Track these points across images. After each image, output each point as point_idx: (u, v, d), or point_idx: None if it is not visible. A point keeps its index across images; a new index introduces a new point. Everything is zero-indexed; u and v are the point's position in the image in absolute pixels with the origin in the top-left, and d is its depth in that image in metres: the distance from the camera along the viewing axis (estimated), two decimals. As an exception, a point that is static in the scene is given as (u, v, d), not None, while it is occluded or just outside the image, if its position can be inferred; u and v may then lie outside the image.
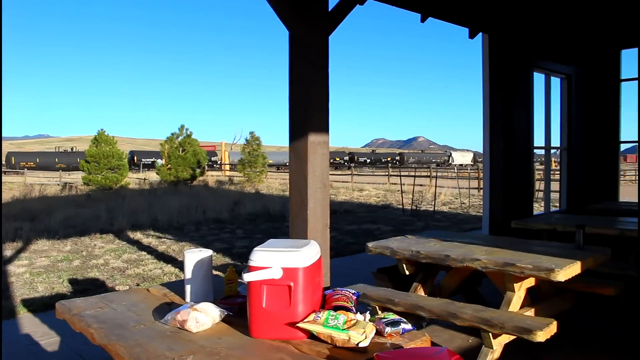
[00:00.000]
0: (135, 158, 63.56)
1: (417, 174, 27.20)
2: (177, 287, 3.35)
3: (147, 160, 62.39)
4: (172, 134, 28.83)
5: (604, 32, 9.68)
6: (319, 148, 4.39)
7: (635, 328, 4.94)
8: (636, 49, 9.74)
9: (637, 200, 11.31)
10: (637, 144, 8.39)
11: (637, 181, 11.81)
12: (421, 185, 25.02)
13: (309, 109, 4.31)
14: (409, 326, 2.53)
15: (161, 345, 2.39)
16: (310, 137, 4.31)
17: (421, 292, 4.64)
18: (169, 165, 27.93)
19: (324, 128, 4.43)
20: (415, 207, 16.75)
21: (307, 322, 2.39)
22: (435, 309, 4.09)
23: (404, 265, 4.62)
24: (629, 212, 7.65)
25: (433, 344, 2.55)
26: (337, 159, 75.00)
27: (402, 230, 11.63)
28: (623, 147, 10.35)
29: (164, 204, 16.26)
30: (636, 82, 9.94)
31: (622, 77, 9.75)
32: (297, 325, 2.39)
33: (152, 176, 33.77)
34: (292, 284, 2.43)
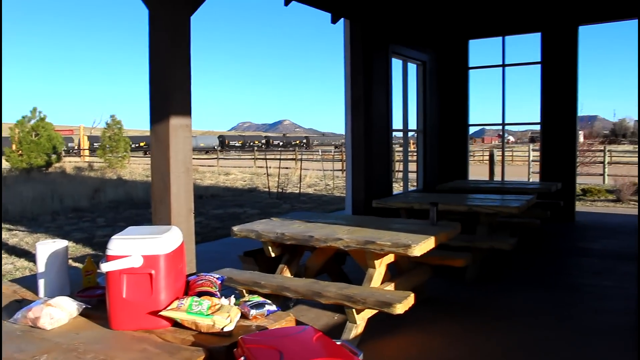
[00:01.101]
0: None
1: (282, 156, 27.47)
2: (29, 282, 3.11)
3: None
4: (23, 117, 26.66)
5: (453, 23, 10.35)
6: (181, 131, 4.28)
7: (481, 292, 5.39)
8: (483, 39, 10.52)
9: (483, 178, 12.26)
10: (482, 127, 9.01)
11: (487, 163, 12.71)
12: (287, 168, 25.32)
13: (170, 92, 4.17)
14: (273, 307, 2.56)
15: (10, 347, 2.21)
16: (172, 121, 4.18)
17: (287, 274, 4.71)
18: (20, 151, 25.84)
19: (186, 111, 4.31)
20: (281, 190, 16.92)
21: (170, 309, 2.34)
22: (301, 289, 4.17)
23: (270, 247, 4.66)
24: (476, 190, 8.28)
25: (298, 323, 2.60)
26: (256, 142, 75.27)
27: (268, 213, 11.70)
28: (472, 129, 11.13)
29: (15, 194, 15.05)
30: (482, 69, 10.74)
31: (470, 65, 10.49)
32: (160, 313, 2.33)
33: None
34: (153, 271, 2.36)
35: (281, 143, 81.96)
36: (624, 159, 26.67)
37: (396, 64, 8.75)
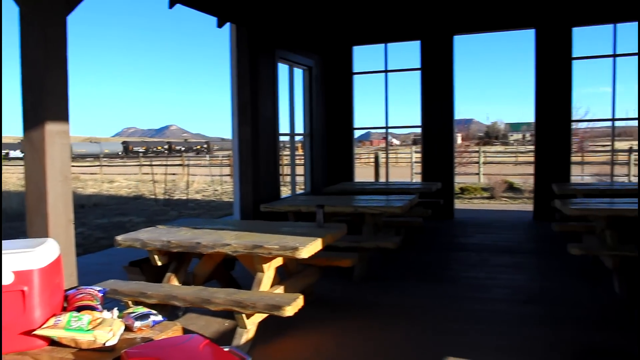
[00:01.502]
0: None
1: (169, 162, 26.77)
2: None
3: None
4: None
5: (338, 30, 10.61)
6: (58, 138, 4.07)
7: (369, 291, 5.57)
8: (367, 46, 10.87)
9: (369, 180, 12.64)
10: (368, 130, 9.31)
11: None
12: (174, 174, 24.71)
13: (44, 96, 3.95)
14: (159, 317, 2.50)
15: None
16: (47, 127, 3.97)
17: (175, 282, 4.61)
18: None
19: (63, 116, 4.10)
20: (168, 197, 16.50)
21: (46, 327, 2.22)
22: (189, 297, 4.11)
23: (156, 256, 4.54)
24: (362, 191, 8.54)
25: (186, 332, 2.56)
26: (159, 148, 73.84)
27: (154, 221, 11.36)
28: (360, 133, 11.42)
29: None
30: (366, 75, 11.08)
31: (354, 71, 10.81)
32: (35, 333, 2.21)
33: None
34: (25, 288, 2.23)
35: (183, 148, 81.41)
36: (496, 159, 28.56)
37: (283, 69, 8.84)
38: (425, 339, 4.30)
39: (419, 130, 10.62)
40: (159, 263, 4.57)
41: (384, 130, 11.35)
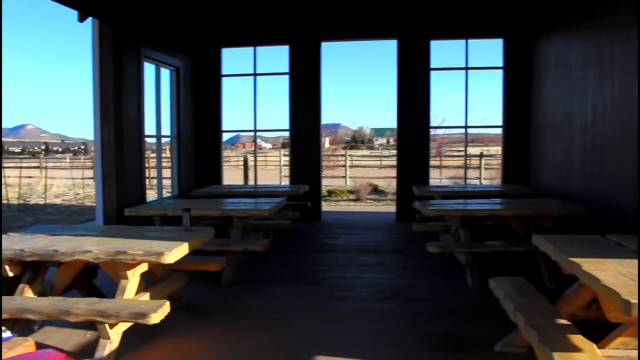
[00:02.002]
0: None
1: (24, 164, 24.86)
2: None
3: None
4: None
5: (207, 31, 10.47)
6: None
7: (238, 294, 5.55)
8: (236, 48, 10.82)
9: (238, 183, 12.58)
10: (238, 133, 9.27)
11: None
12: (30, 177, 22.99)
13: None
14: (8, 334, 2.33)
15: None
16: None
17: (29, 293, 4.30)
18: None
19: None
20: (23, 202, 15.33)
21: None
22: (46, 309, 3.85)
23: (7, 266, 4.21)
24: (230, 194, 8.49)
25: (41, 347, 2.40)
26: (36, 148, 68.13)
27: (7, 228, 10.51)
28: (230, 135, 11.31)
29: None
30: (233, 77, 11.03)
31: (224, 73, 10.72)
32: None
33: None
34: None
35: (60, 149, 76.50)
36: (361, 163, 29.61)
37: (150, 69, 8.56)
38: (294, 340, 4.37)
39: (287, 133, 10.76)
40: (11, 274, 4.24)
41: (253, 134, 11.35)
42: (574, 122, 7.41)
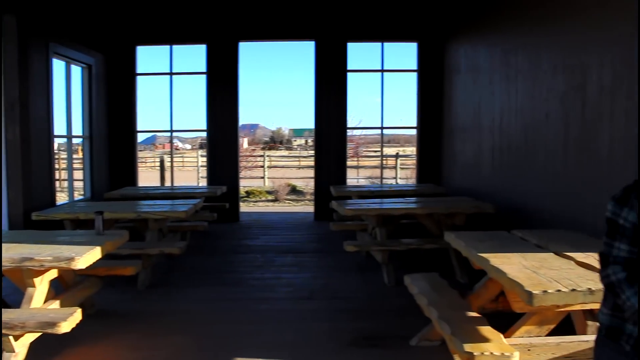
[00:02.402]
0: None
1: None
2: None
3: None
4: None
5: (121, 27, 10.15)
6: None
7: (155, 298, 5.42)
8: (152, 46, 10.57)
9: (155, 185, 12.29)
10: (154, 133, 9.05)
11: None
12: None
13: None
14: None
15: None
16: None
17: None
18: None
19: None
20: None
21: None
22: (-57, 320, 3.60)
23: None
24: (146, 196, 8.28)
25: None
26: None
27: None
28: (146, 136, 11.02)
29: None
30: (148, 76, 10.76)
31: (139, 71, 10.43)
32: None
33: None
34: None
35: None
36: (280, 163, 29.64)
37: (59, 66, 8.20)
38: (213, 343, 4.32)
39: (205, 134, 10.61)
40: None
41: (169, 134, 11.12)
42: (483, 124, 7.76)
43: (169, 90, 10.46)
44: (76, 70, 8.92)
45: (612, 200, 1.97)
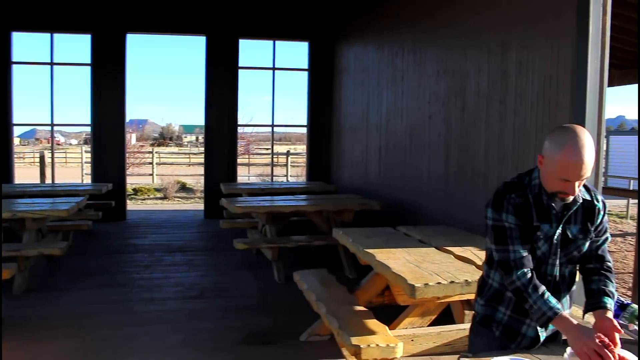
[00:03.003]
0: None
1: None
2: None
3: None
4: None
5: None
6: None
7: (34, 302, 5.11)
8: (30, 33, 9.91)
9: (34, 182, 11.58)
10: (35, 127, 8.53)
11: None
12: None
13: None
14: None
15: None
16: None
17: None
18: None
19: None
20: None
21: None
22: None
23: None
24: (24, 194, 7.77)
25: None
26: None
27: None
28: (22, 130, 10.31)
29: None
30: (26, 65, 10.09)
31: (13, 60, 9.74)
32: None
33: None
34: None
35: None
36: (170, 160, 28.93)
37: None
38: (98, 347, 4.14)
39: (89, 129, 10.12)
40: None
41: (50, 128, 10.51)
42: (371, 123, 8.02)
43: (49, 81, 9.88)
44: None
45: (489, 207, 2.09)
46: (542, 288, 1.99)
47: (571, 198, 2.01)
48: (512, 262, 2.02)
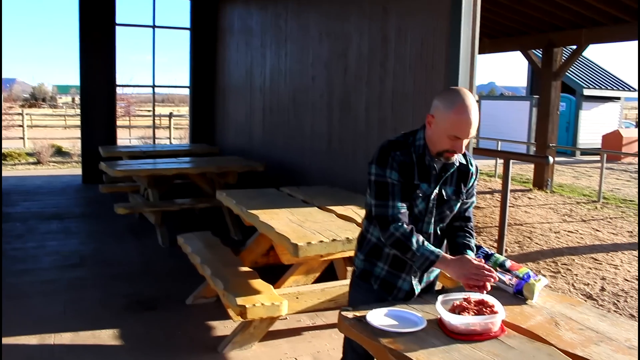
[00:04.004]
0: None
1: None
2: None
3: None
4: None
5: None
6: None
7: None
8: None
9: None
10: None
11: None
12: None
13: None
14: None
15: None
16: None
17: None
18: None
19: None
20: None
21: None
22: None
23: None
24: None
25: None
26: None
27: None
28: None
29: None
30: None
31: None
32: None
33: None
34: None
35: None
36: (43, 123, 27.06)
37: None
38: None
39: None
40: None
41: None
42: (255, 85, 7.96)
43: None
44: None
45: (373, 163, 2.16)
46: (421, 237, 2.10)
47: (455, 158, 2.14)
48: (390, 217, 2.11)
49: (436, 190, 2.17)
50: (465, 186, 2.23)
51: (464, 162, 2.23)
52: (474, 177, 2.26)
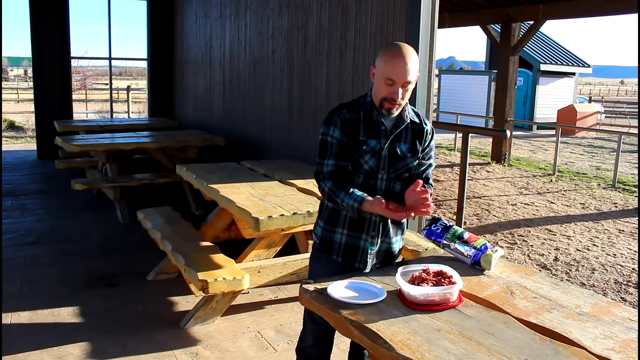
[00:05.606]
0: None
1: None
2: None
3: None
4: None
5: None
6: None
7: None
8: None
9: None
10: None
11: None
12: None
13: None
14: None
15: None
16: None
17: None
18: None
19: None
20: None
21: None
22: None
23: None
24: None
25: None
26: None
27: None
28: None
29: None
30: None
31: None
32: None
33: None
34: None
35: None
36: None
37: None
38: None
39: None
40: None
41: None
42: (214, 57, 7.83)
43: None
44: None
45: (323, 123, 2.23)
46: (348, 186, 2.14)
47: (397, 111, 2.17)
48: (322, 174, 2.19)
49: (387, 146, 2.20)
50: (421, 144, 2.26)
51: (417, 121, 2.27)
52: (429, 136, 2.29)
